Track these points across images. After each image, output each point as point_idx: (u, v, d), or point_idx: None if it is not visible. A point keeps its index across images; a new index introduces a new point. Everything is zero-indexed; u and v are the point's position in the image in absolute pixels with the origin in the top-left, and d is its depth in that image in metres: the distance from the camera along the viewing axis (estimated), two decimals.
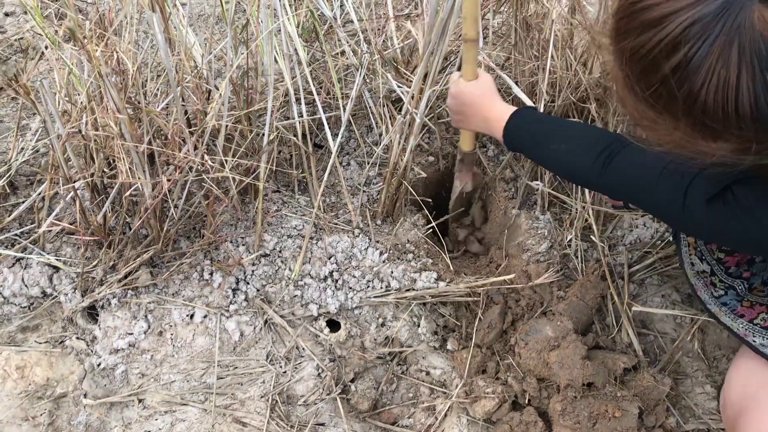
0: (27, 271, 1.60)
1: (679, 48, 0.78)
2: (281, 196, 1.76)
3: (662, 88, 0.83)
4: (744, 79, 0.76)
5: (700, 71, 0.78)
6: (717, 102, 0.79)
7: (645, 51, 0.82)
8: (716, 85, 0.77)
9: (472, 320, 1.66)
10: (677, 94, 0.81)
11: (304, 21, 1.87)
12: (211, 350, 1.57)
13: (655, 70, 0.82)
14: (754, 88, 0.76)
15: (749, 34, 0.75)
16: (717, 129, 0.83)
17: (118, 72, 1.32)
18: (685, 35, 0.78)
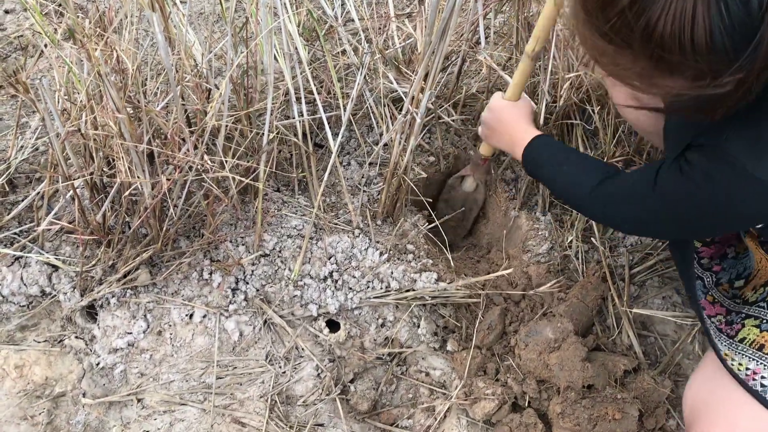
0: (26, 269, 1.59)
1: None
2: (281, 195, 1.76)
3: (620, 21, 0.82)
4: (700, 10, 0.76)
5: (657, 2, 0.78)
6: (674, 33, 0.78)
7: None
8: (673, 16, 0.77)
9: (472, 321, 1.66)
10: (634, 27, 0.81)
11: (304, 20, 1.87)
12: (211, 350, 1.57)
13: (613, 3, 0.82)
14: (710, 18, 0.76)
15: None
16: (673, 61, 0.83)
17: (118, 71, 1.31)
18: None
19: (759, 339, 1.16)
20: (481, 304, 1.66)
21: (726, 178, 0.98)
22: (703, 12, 0.76)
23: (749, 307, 1.27)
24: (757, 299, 1.28)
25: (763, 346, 1.15)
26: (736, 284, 1.38)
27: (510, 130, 1.53)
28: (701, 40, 0.78)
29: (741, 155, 0.94)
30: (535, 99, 1.75)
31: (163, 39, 1.23)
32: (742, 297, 1.35)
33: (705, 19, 0.76)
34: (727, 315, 1.34)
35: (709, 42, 0.78)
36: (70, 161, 1.47)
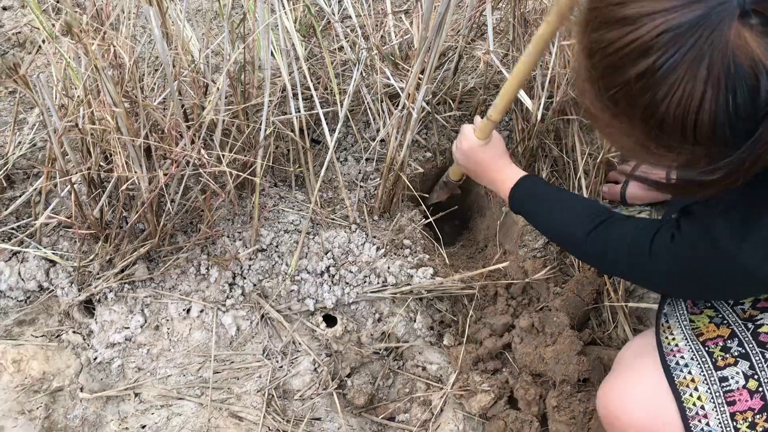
0: (24, 264, 1.60)
1: (649, 54, 0.75)
2: (278, 191, 1.76)
3: (623, 91, 0.80)
4: (708, 98, 0.74)
5: (665, 82, 0.75)
6: (677, 116, 0.76)
7: (613, 49, 0.78)
8: (679, 99, 0.75)
9: (467, 315, 1.66)
10: (638, 102, 0.78)
11: (301, 16, 1.87)
12: (208, 345, 1.57)
13: (620, 72, 0.79)
14: (716, 108, 0.74)
15: (722, 52, 0.72)
16: (671, 142, 0.80)
17: (115, 66, 1.32)
18: (657, 41, 0.74)
19: (702, 328, 1.16)
20: (476, 297, 1.67)
21: (708, 255, 0.97)
22: (710, 98, 0.74)
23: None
24: None
25: (702, 334, 1.15)
26: None
27: (489, 172, 1.50)
28: (704, 127, 0.76)
29: (723, 237, 0.93)
30: (532, 95, 1.76)
31: (160, 34, 1.24)
32: None
33: (711, 106, 0.74)
34: None
35: (712, 130, 0.76)
36: (68, 156, 1.47)
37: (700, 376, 1.09)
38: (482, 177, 1.54)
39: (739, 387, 1.05)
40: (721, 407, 1.06)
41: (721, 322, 1.15)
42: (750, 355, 1.07)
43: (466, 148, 1.53)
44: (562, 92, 1.71)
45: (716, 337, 1.13)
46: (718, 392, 1.07)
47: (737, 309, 1.15)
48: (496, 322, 1.62)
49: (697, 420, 1.06)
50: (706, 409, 1.06)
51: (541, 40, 1.24)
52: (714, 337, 1.13)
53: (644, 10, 0.74)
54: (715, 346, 1.12)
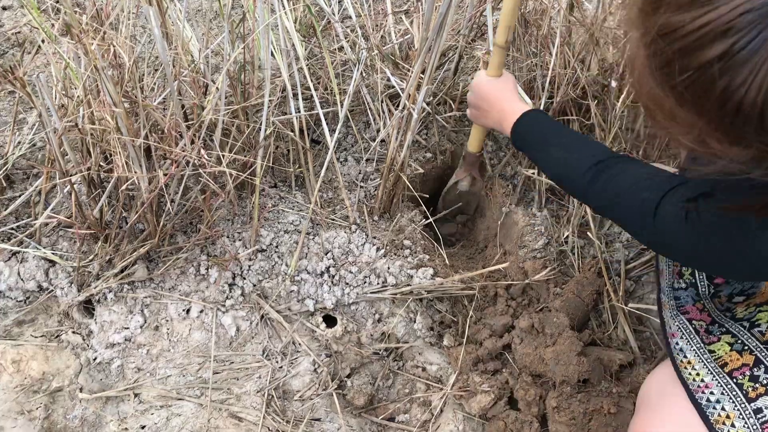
0: (23, 265, 1.60)
1: (728, 35, 0.68)
2: (278, 191, 1.76)
3: (695, 77, 0.72)
4: None
5: (745, 66, 0.68)
6: (756, 104, 0.69)
7: (685, 32, 0.71)
8: (760, 84, 0.68)
9: (467, 316, 1.66)
10: (713, 87, 0.71)
11: (301, 16, 1.87)
12: (207, 345, 1.57)
13: (694, 55, 0.71)
14: None
15: None
16: (743, 133, 0.73)
17: (115, 66, 1.32)
18: (739, 22, 0.67)
19: (725, 357, 1.13)
20: (476, 298, 1.67)
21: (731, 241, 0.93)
22: None
23: (733, 323, 1.23)
24: (743, 317, 1.23)
25: (726, 364, 1.12)
26: (735, 299, 1.32)
27: (496, 105, 1.47)
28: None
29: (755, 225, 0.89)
30: (532, 95, 1.76)
31: (159, 33, 1.24)
32: (733, 312, 1.30)
33: None
34: (710, 324, 1.29)
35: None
36: (68, 156, 1.47)
37: (734, 411, 1.06)
38: (489, 113, 1.50)
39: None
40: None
41: (743, 348, 1.12)
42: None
43: (475, 83, 1.52)
44: (562, 92, 1.71)
45: (741, 366, 1.10)
46: (755, 425, 1.03)
47: (755, 332, 1.13)
48: (496, 323, 1.61)
49: None
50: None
51: None
52: (739, 366, 1.10)
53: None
54: (743, 377, 1.09)
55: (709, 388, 1.11)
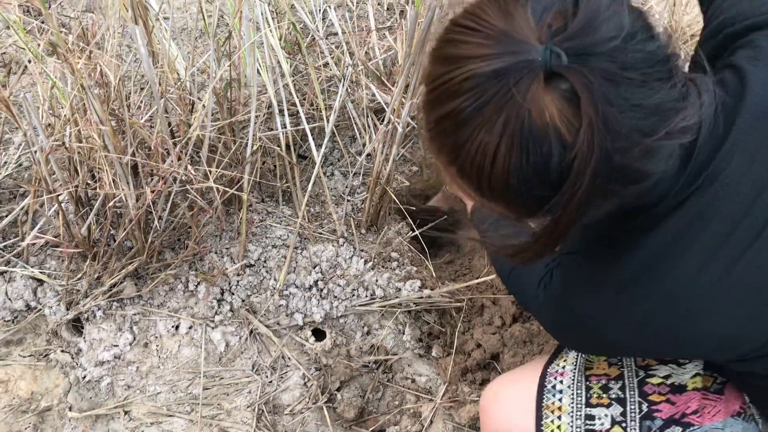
0: (11, 284, 1.59)
1: (456, 95, 0.72)
2: (265, 206, 1.77)
3: (436, 128, 0.76)
4: (501, 153, 0.70)
5: (466, 126, 0.72)
6: (475, 163, 0.73)
7: (434, 85, 0.76)
8: (477, 146, 0.71)
9: (456, 327, 1.68)
10: (445, 141, 0.75)
11: (286, 33, 1.89)
12: (197, 361, 1.57)
13: (436, 108, 0.76)
14: (509, 165, 0.71)
15: (518, 110, 0.68)
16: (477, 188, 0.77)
17: (101, 84, 1.33)
18: (464, 86, 0.71)
19: (595, 364, 1.13)
20: (464, 309, 1.68)
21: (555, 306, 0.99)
22: (504, 154, 0.70)
23: None
24: None
25: (591, 368, 1.13)
26: None
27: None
28: (498, 183, 0.73)
29: (563, 288, 0.95)
30: None
31: (146, 52, 1.25)
32: None
33: (505, 163, 0.71)
34: None
35: (505, 187, 0.73)
36: (55, 175, 1.48)
37: (568, 407, 1.08)
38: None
39: (602, 430, 1.05)
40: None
41: (617, 362, 1.12)
42: (627, 402, 1.05)
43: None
44: None
45: (602, 374, 1.11)
46: (580, 428, 1.06)
47: None
48: (484, 333, 1.63)
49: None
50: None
51: None
52: (600, 374, 1.11)
53: (463, 53, 0.72)
54: (596, 383, 1.10)
55: (562, 377, 1.12)
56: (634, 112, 0.69)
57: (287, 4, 1.80)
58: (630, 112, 0.68)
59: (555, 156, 0.69)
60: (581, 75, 0.66)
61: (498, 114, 0.69)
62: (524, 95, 0.68)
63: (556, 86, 0.68)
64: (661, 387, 1.06)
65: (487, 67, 0.69)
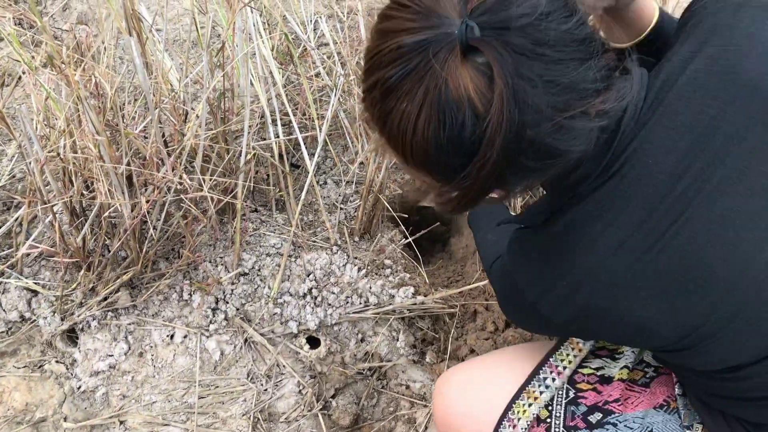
0: (5, 295, 1.60)
1: (385, 65, 0.76)
2: (259, 215, 1.79)
3: (368, 97, 0.80)
4: (422, 121, 0.74)
5: (392, 95, 0.76)
6: (399, 131, 0.76)
7: (368, 57, 0.80)
8: (401, 115, 0.75)
9: (449, 333, 1.69)
10: (375, 110, 0.80)
11: (278, 44, 1.91)
12: (192, 370, 1.58)
13: (367, 78, 0.80)
14: (429, 133, 0.74)
15: (436, 79, 0.72)
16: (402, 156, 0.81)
17: (96, 95, 1.34)
18: (391, 56, 0.75)
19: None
20: (457, 315, 1.70)
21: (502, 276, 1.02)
22: (424, 122, 0.74)
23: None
24: None
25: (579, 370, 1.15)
26: None
27: None
28: (419, 150, 0.76)
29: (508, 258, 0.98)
30: None
31: (140, 63, 1.27)
32: None
33: (425, 131, 0.74)
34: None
35: (425, 154, 0.76)
36: (49, 186, 1.48)
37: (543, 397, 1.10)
38: None
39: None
40: None
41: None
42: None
43: None
44: None
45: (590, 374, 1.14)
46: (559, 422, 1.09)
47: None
48: (478, 339, 1.64)
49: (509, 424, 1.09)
50: (519, 425, 1.09)
51: None
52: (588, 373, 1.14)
53: (393, 27, 0.76)
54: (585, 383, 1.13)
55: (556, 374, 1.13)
56: (546, 88, 0.71)
57: (279, 15, 1.82)
58: (542, 87, 0.71)
59: (469, 126, 0.72)
60: (493, 48, 0.70)
61: (419, 84, 0.73)
62: (442, 65, 0.71)
63: (473, 60, 0.71)
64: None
65: (410, 39, 0.73)
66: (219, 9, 1.68)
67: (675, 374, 1.08)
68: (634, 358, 1.12)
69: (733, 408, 0.96)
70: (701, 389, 1.00)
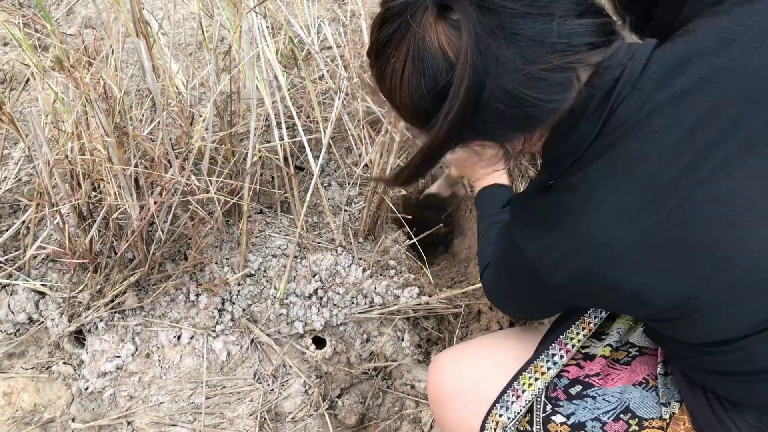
0: (13, 297, 1.61)
1: (378, 29, 0.85)
2: (264, 217, 1.80)
3: (370, 60, 0.89)
4: (407, 72, 0.82)
5: (384, 53, 0.84)
6: (392, 86, 0.85)
7: (373, 23, 0.88)
8: (391, 70, 0.84)
9: (454, 333, 1.70)
10: (373, 71, 0.88)
11: (282, 47, 1.93)
12: (199, 371, 1.59)
13: (371, 44, 0.88)
14: (413, 81, 0.82)
15: (415, 36, 0.80)
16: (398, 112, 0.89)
17: (104, 98, 1.36)
18: (382, 19, 0.84)
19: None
20: (461, 314, 1.71)
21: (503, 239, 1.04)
22: (409, 75, 0.82)
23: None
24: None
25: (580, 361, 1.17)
26: None
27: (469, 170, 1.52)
28: (406, 103, 0.85)
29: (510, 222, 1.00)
30: None
31: (149, 65, 1.28)
32: None
33: (411, 84, 0.82)
34: None
35: (411, 107, 0.85)
36: (57, 188, 1.50)
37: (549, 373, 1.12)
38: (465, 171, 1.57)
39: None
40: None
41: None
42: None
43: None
44: None
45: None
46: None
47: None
48: None
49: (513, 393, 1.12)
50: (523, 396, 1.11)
51: None
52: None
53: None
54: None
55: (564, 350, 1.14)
56: (511, 39, 0.77)
57: (283, 19, 1.84)
58: (506, 38, 0.77)
59: (443, 75, 0.80)
60: (461, 4, 0.77)
61: (402, 40, 0.82)
62: (419, 23, 0.80)
63: (448, 18, 0.79)
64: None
65: (395, 3, 0.83)
66: (225, 13, 1.70)
67: (662, 348, 1.10)
68: (619, 338, 1.15)
69: (714, 382, 0.97)
70: (686, 363, 1.01)
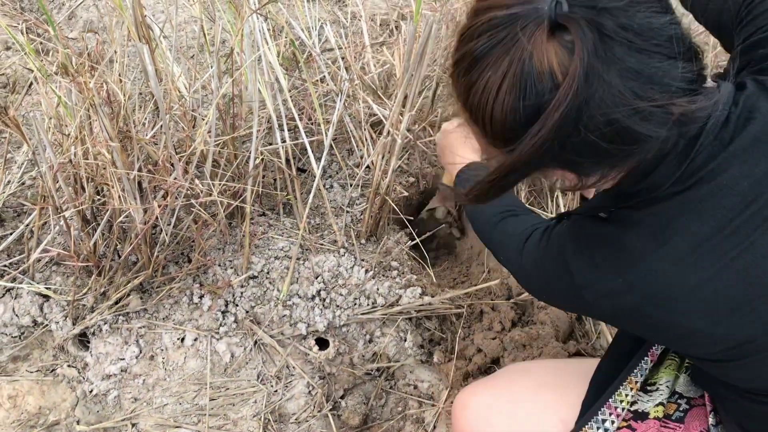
0: (17, 301, 1.61)
1: (472, 39, 0.80)
2: (267, 219, 1.81)
3: (456, 69, 0.84)
4: (504, 90, 0.77)
5: (478, 66, 0.79)
6: (482, 101, 0.79)
7: (462, 31, 0.83)
8: (484, 84, 0.78)
9: (456, 333, 1.71)
10: (459, 81, 0.83)
11: (284, 50, 1.94)
12: (203, 372, 1.60)
13: (458, 51, 0.83)
14: (510, 103, 0.76)
15: (521, 52, 0.75)
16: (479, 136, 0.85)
17: (108, 102, 1.36)
18: (480, 29, 0.79)
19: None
20: (464, 315, 1.72)
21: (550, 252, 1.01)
22: (506, 92, 0.76)
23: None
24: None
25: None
26: None
27: (448, 156, 1.52)
28: (497, 121, 0.79)
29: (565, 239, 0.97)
30: None
31: (152, 69, 1.29)
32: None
33: (506, 100, 0.77)
34: None
35: (502, 125, 0.79)
36: (60, 192, 1.50)
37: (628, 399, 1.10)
38: (443, 160, 1.57)
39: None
40: None
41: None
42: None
43: (444, 128, 1.59)
44: None
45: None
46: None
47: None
48: (485, 338, 1.66)
49: None
50: None
51: None
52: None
53: (489, 4, 0.79)
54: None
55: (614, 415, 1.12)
56: (624, 72, 0.73)
57: (284, 22, 1.85)
58: (619, 70, 0.73)
59: (542, 97, 0.74)
60: (578, 25, 0.72)
61: (505, 55, 0.76)
62: (529, 38, 0.74)
63: (560, 37, 0.74)
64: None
65: (503, 12, 0.77)
66: (226, 16, 1.71)
67: (711, 396, 1.08)
68: (668, 393, 1.11)
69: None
70: (740, 413, 1.00)
